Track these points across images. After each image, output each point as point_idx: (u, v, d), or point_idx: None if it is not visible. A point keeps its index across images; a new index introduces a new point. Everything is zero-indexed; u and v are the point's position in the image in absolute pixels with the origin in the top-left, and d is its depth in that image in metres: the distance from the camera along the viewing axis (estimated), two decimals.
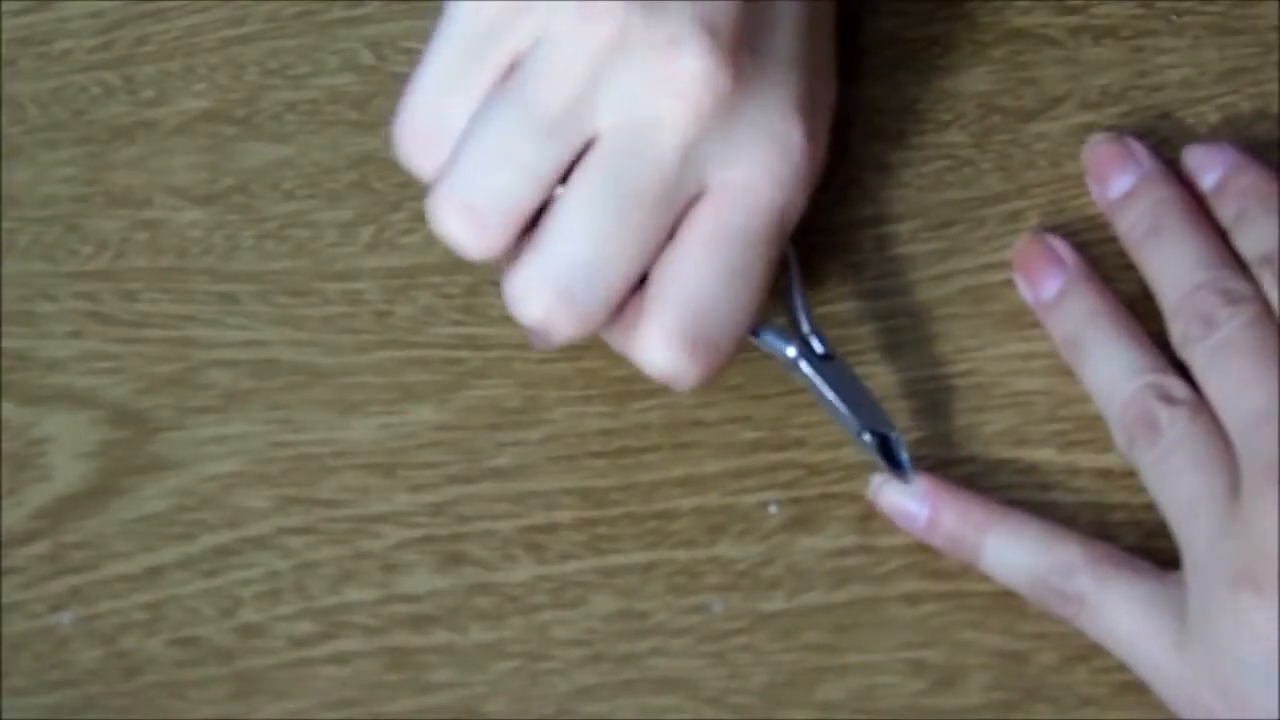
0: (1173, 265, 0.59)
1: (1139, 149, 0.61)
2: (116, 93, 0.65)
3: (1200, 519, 0.55)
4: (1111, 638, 0.57)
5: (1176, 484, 0.56)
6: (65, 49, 0.65)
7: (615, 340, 0.58)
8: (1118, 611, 0.56)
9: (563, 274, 0.55)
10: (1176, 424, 0.57)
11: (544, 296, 0.55)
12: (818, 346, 0.59)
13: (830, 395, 0.58)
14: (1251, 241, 0.58)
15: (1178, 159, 0.61)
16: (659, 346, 0.56)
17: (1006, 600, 0.58)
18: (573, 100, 0.54)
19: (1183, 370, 0.58)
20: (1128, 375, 0.58)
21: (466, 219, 0.55)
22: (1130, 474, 0.58)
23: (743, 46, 0.55)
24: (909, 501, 0.59)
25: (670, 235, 0.56)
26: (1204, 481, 0.55)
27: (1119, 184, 0.61)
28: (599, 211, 0.55)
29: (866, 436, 0.58)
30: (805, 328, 0.59)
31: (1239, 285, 0.57)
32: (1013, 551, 0.58)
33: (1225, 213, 0.59)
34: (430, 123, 0.56)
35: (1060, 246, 0.61)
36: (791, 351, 0.58)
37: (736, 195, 0.56)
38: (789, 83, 0.56)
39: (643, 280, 0.56)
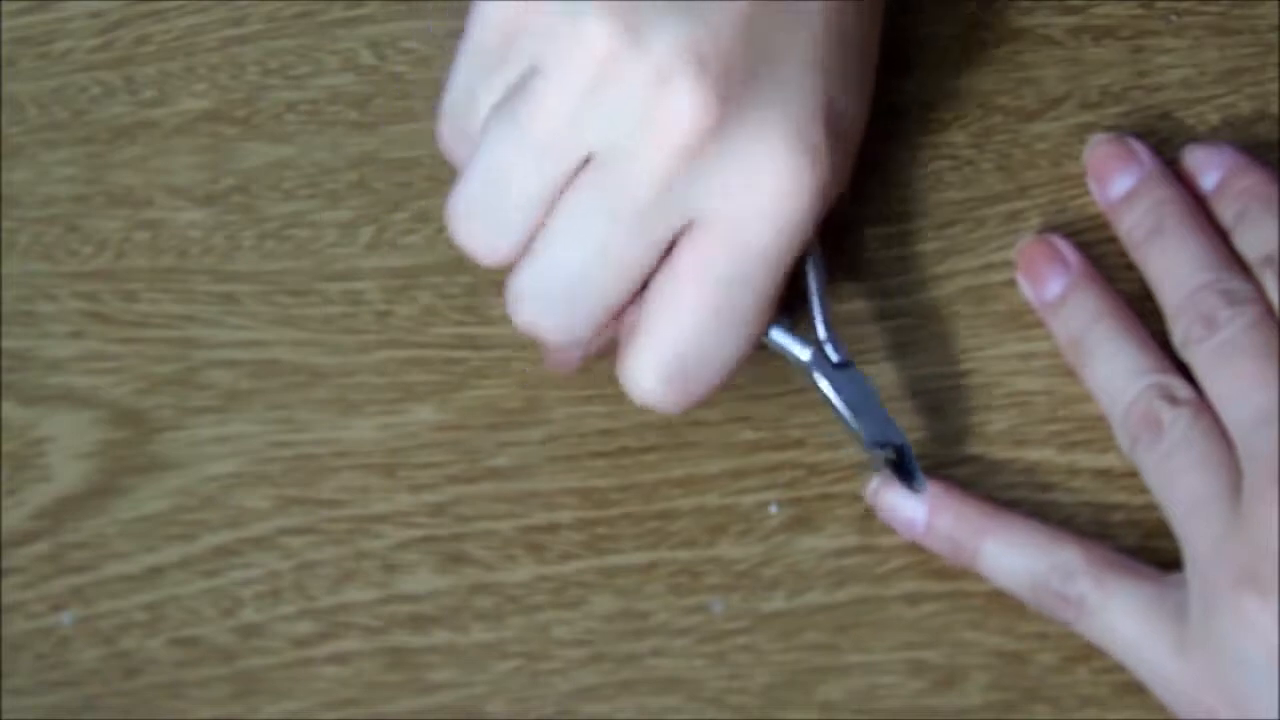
0: (1174, 266, 0.59)
1: (1140, 149, 0.61)
2: (117, 93, 0.65)
3: (1203, 519, 0.55)
4: (1112, 641, 0.56)
5: (1179, 484, 0.56)
6: (65, 49, 0.65)
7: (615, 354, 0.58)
8: (1118, 614, 0.56)
9: (549, 284, 0.55)
10: (1179, 424, 0.57)
11: (532, 302, 0.56)
12: (833, 354, 0.58)
13: (840, 405, 0.58)
14: (1253, 242, 0.58)
15: (1178, 159, 0.61)
16: (640, 375, 0.56)
17: (1007, 600, 0.58)
18: (564, 123, 0.54)
19: (1185, 371, 0.58)
20: (1131, 376, 0.58)
21: (473, 232, 0.56)
22: (1130, 474, 0.58)
23: (735, 75, 0.54)
24: (907, 504, 0.59)
25: (664, 258, 0.56)
26: (1206, 481, 0.55)
27: (1120, 184, 0.61)
28: (582, 231, 0.55)
29: (877, 451, 0.58)
30: (822, 334, 0.58)
31: (1240, 286, 0.57)
32: (1011, 555, 0.58)
33: (1226, 213, 0.59)
34: (461, 121, 0.57)
35: (1063, 246, 0.61)
36: (805, 356, 0.58)
37: (726, 234, 0.55)
38: (797, 102, 0.55)
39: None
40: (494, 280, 0.62)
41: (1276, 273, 0.57)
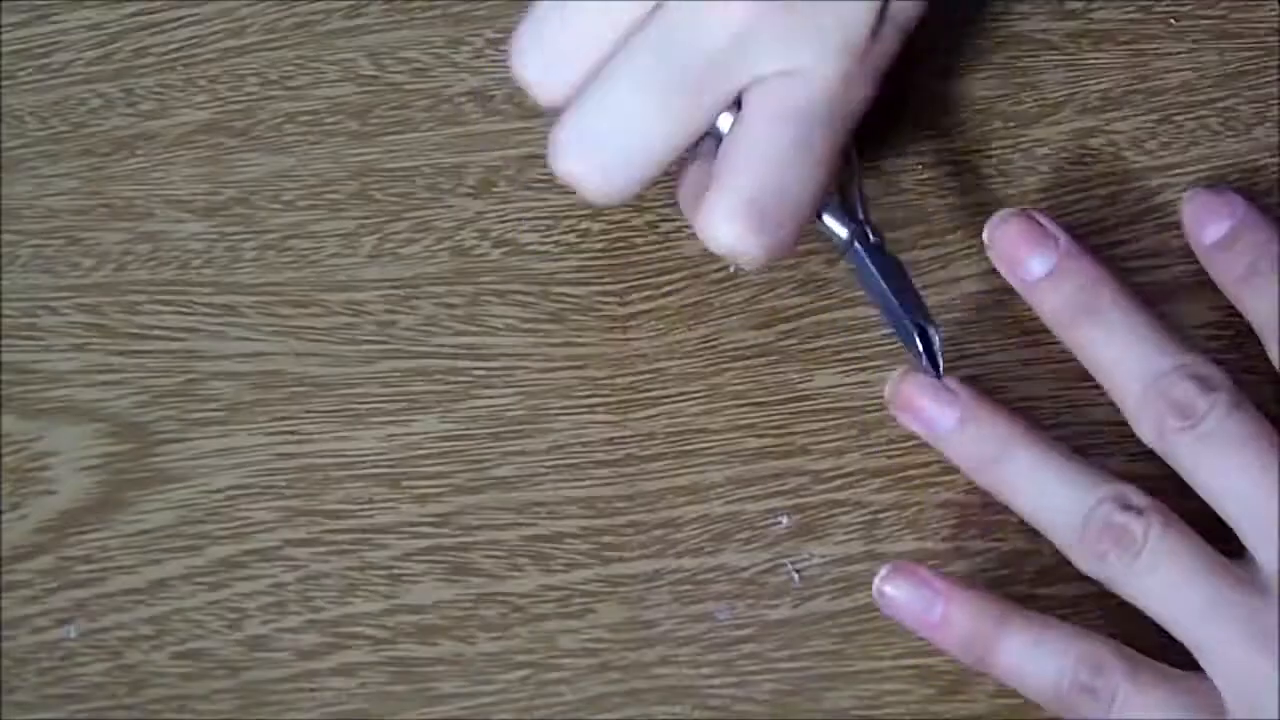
0: (1123, 353, 0.57)
1: (1047, 222, 0.59)
2: (116, 105, 0.65)
3: (1220, 622, 0.55)
4: None
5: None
6: (65, 61, 0.65)
7: (690, 211, 0.57)
8: (1154, 709, 0.55)
9: (600, 130, 0.55)
10: (1151, 533, 0.55)
11: (579, 149, 0.55)
12: (871, 235, 0.58)
13: (879, 280, 0.58)
14: (1262, 301, 0.58)
15: (1177, 164, 0.61)
16: (722, 220, 0.55)
17: None
18: None
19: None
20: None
21: (532, 64, 0.56)
22: (1138, 477, 0.58)
23: None
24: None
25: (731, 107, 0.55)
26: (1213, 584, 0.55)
27: (1036, 266, 0.58)
28: (638, 83, 0.55)
29: (913, 328, 0.58)
30: (861, 214, 0.58)
31: (1210, 371, 0.56)
32: (1036, 648, 0.56)
33: (1233, 268, 0.59)
34: None
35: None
36: (845, 233, 0.58)
37: (797, 81, 0.55)
38: None
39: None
40: (496, 290, 0.62)
41: None
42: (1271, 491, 0.55)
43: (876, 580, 0.57)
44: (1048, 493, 0.57)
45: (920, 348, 0.58)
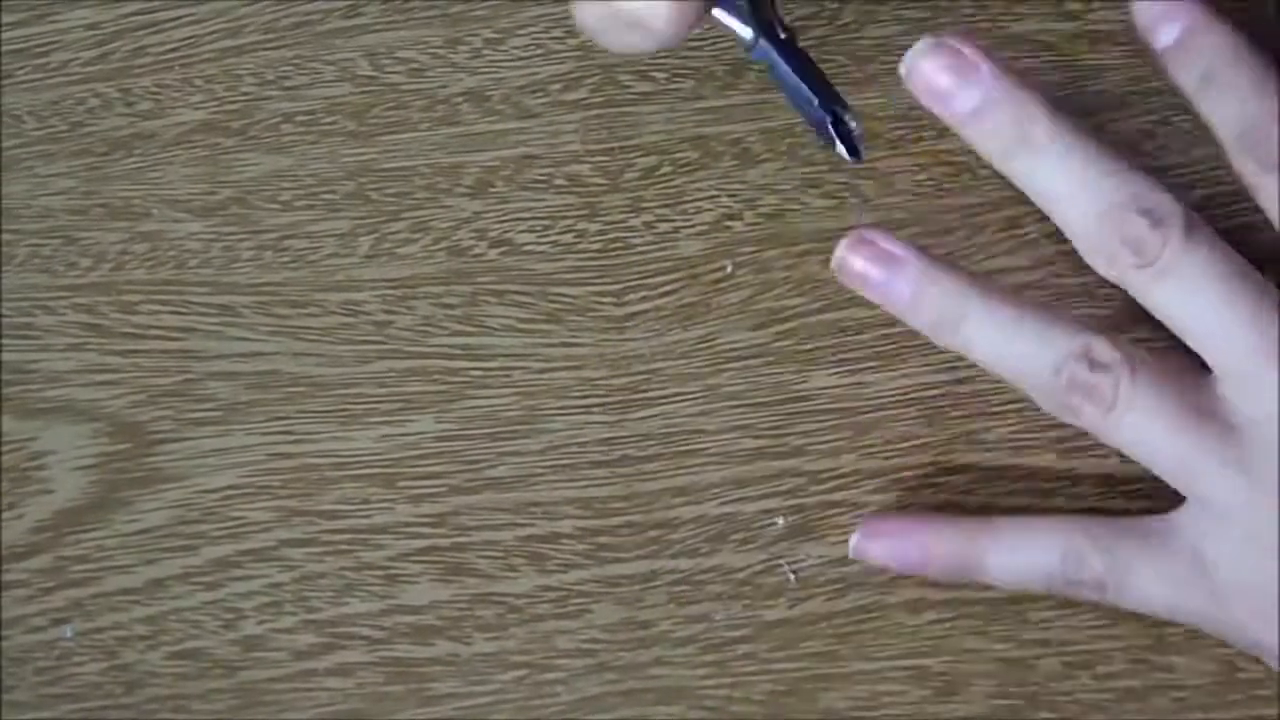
0: (1071, 183, 0.55)
1: (969, 50, 0.56)
2: (114, 104, 0.65)
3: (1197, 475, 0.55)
4: (1148, 608, 0.56)
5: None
6: (62, 61, 0.65)
7: None
8: (1142, 583, 0.55)
9: None
10: (1120, 387, 0.55)
11: None
12: (779, 31, 0.58)
13: (787, 73, 0.57)
14: (1224, 112, 0.55)
15: (1177, 164, 0.61)
16: None
17: (1009, 607, 0.59)
18: None
19: None
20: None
21: None
22: (1131, 480, 0.58)
23: None
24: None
25: None
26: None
27: (966, 100, 0.56)
28: None
29: (826, 115, 0.57)
30: (769, 15, 0.58)
31: (1162, 199, 0.55)
32: (1018, 557, 0.57)
33: (1187, 74, 0.56)
34: None
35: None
36: (748, 33, 0.57)
37: None
38: None
39: None
40: (494, 290, 0.62)
41: (1257, 153, 0.55)
42: (1235, 323, 0.54)
43: (854, 541, 0.58)
44: (1015, 347, 0.56)
45: (833, 134, 0.57)
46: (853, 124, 0.57)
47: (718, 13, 0.57)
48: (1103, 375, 0.55)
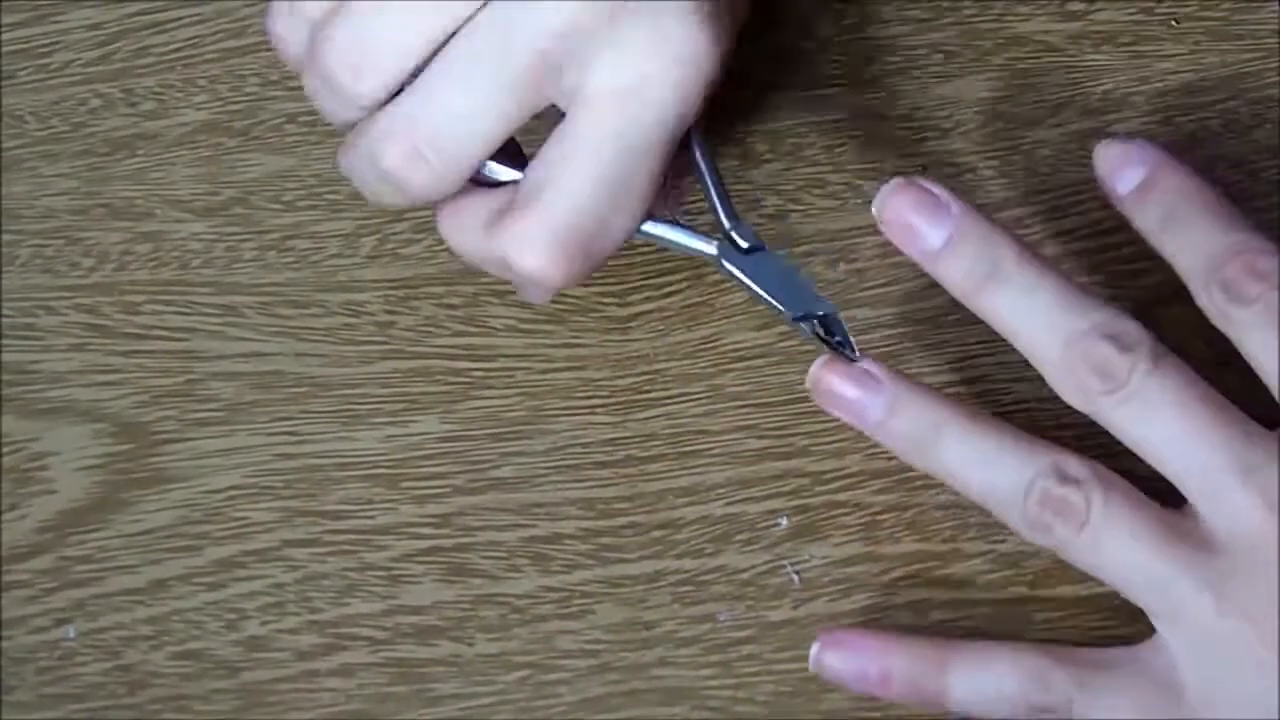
0: (1034, 316, 0.55)
1: (941, 192, 0.56)
2: (116, 105, 0.65)
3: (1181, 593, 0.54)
4: None
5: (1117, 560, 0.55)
6: (65, 61, 0.65)
7: (475, 240, 0.57)
8: (1108, 707, 0.55)
9: (420, 126, 0.55)
10: (1093, 504, 0.55)
11: (404, 143, 0.55)
12: (740, 241, 0.57)
13: (756, 288, 0.57)
14: (1186, 248, 0.56)
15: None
16: (529, 245, 0.55)
17: (1011, 608, 0.58)
18: None
19: None
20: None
21: (340, 64, 0.55)
22: (1136, 480, 0.58)
23: None
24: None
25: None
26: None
27: (935, 236, 0.56)
28: (462, 75, 0.54)
29: (802, 324, 0.56)
30: (727, 224, 0.57)
31: (1129, 326, 0.55)
32: (980, 684, 0.56)
33: (1148, 216, 0.56)
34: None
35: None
36: (711, 249, 0.57)
37: (624, 100, 0.54)
38: None
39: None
40: (496, 290, 0.62)
41: (1225, 286, 0.54)
42: (1204, 446, 0.54)
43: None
44: (985, 469, 0.56)
45: (819, 336, 0.56)
46: (835, 322, 0.56)
47: (677, 237, 0.57)
48: (1074, 490, 0.55)
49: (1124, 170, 0.57)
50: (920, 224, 0.56)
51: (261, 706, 0.59)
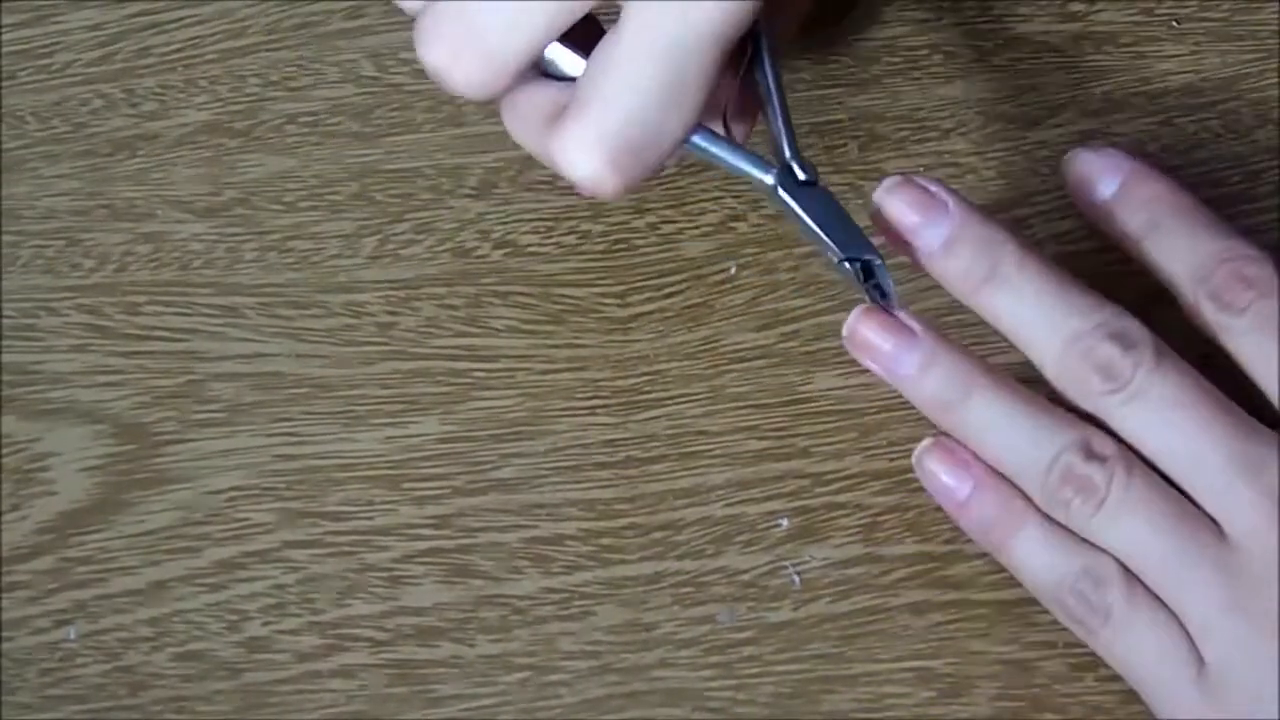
0: (1034, 315, 0.55)
1: (938, 189, 0.56)
2: (117, 105, 0.65)
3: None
4: (1127, 657, 0.55)
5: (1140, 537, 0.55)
6: (65, 62, 0.65)
7: (534, 136, 0.55)
8: (1143, 632, 0.55)
9: (469, 21, 0.53)
10: (1114, 482, 0.55)
11: (449, 41, 0.53)
12: (799, 172, 0.55)
13: (810, 221, 0.55)
14: (1172, 255, 0.55)
15: (1178, 166, 0.61)
16: (581, 150, 0.53)
17: (1013, 609, 0.59)
18: None
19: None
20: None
21: None
22: None
23: None
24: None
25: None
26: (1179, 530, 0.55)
27: (935, 234, 0.55)
28: None
29: (847, 264, 0.55)
30: (788, 153, 0.55)
31: (1129, 325, 0.55)
32: (1044, 550, 0.56)
33: (1131, 222, 0.56)
34: None
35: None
36: (769, 179, 0.55)
37: (672, 3, 0.52)
38: None
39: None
40: (497, 291, 0.62)
41: (1214, 293, 0.54)
42: (1209, 445, 0.54)
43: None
44: (1011, 437, 0.55)
45: (862, 282, 0.55)
46: (878, 271, 0.55)
47: (736, 160, 0.55)
48: (1098, 468, 0.54)
49: (1100, 178, 0.57)
50: (919, 222, 0.56)
51: (262, 708, 0.59)
